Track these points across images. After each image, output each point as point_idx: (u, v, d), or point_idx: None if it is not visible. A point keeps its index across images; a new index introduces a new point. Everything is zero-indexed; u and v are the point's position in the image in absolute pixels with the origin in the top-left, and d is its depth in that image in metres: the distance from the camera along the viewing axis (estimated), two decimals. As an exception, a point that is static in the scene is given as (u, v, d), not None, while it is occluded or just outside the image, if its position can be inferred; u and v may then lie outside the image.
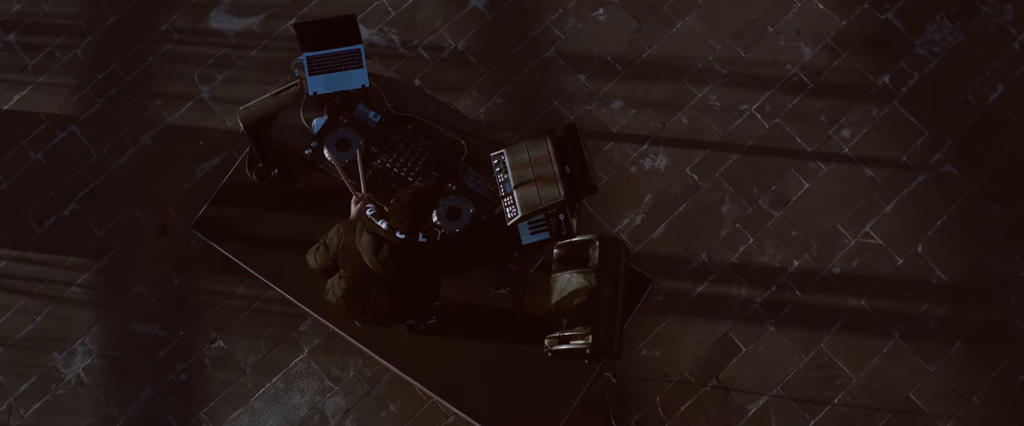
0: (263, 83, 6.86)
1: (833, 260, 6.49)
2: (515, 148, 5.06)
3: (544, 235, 5.21)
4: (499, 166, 5.09)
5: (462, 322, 6.03)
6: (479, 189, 5.33)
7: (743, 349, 6.37)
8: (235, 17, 7.05)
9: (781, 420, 6.25)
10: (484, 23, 6.99)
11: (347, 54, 5.66)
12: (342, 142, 5.44)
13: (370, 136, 5.43)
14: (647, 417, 6.27)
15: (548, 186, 4.92)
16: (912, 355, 6.33)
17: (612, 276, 5.55)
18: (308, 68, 5.65)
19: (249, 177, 6.36)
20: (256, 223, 6.33)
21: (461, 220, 5.26)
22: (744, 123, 6.75)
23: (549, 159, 4.96)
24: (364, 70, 5.65)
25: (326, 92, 5.60)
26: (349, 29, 5.62)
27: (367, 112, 5.51)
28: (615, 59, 6.90)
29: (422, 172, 5.33)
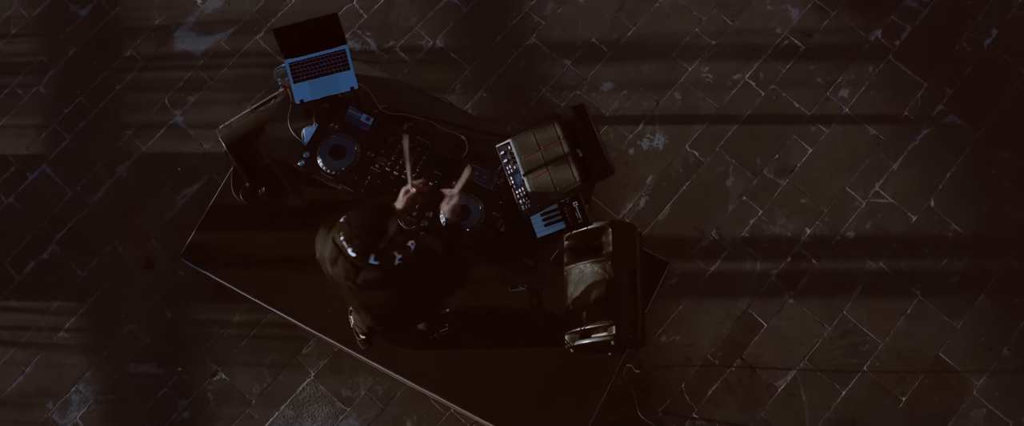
0: (237, 101, 6.60)
1: (846, 224, 6.32)
2: (522, 136, 4.84)
3: (559, 225, 4.99)
4: (506, 157, 4.86)
5: (476, 326, 5.80)
6: (486, 184, 5.09)
7: (764, 325, 6.19)
8: (201, 36, 6.79)
9: (811, 393, 6.07)
10: (461, 16, 6.77)
11: (332, 56, 5.41)
12: (336, 150, 5.19)
13: (364, 140, 5.19)
14: (674, 405, 6.07)
15: (561, 172, 4.70)
16: (937, 312, 6.18)
17: (628, 262, 5.33)
18: (292, 75, 5.39)
19: (236, 198, 6.09)
20: (248, 245, 6.06)
21: (471, 218, 5.03)
22: (739, 93, 6.57)
23: (559, 144, 4.74)
24: (351, 72, 5.40)
25: (313, 99, 5.34)
26: (332, 29, 5.37)
27: (359, 115, 5.26)
28: (600, 41, 6.70)
29: (424, 172, 5.08)
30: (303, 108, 5.38)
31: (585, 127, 4.72)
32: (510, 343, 5.75)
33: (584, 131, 4.73)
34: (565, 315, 5.69)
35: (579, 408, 5.67)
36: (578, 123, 4.75)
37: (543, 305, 5.53)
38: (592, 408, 5.67)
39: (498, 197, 5.05)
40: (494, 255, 4.97)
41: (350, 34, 6.71)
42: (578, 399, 5.70)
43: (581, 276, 5.61)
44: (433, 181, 5.05)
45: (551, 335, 5.71)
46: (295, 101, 5.36)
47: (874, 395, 6.07)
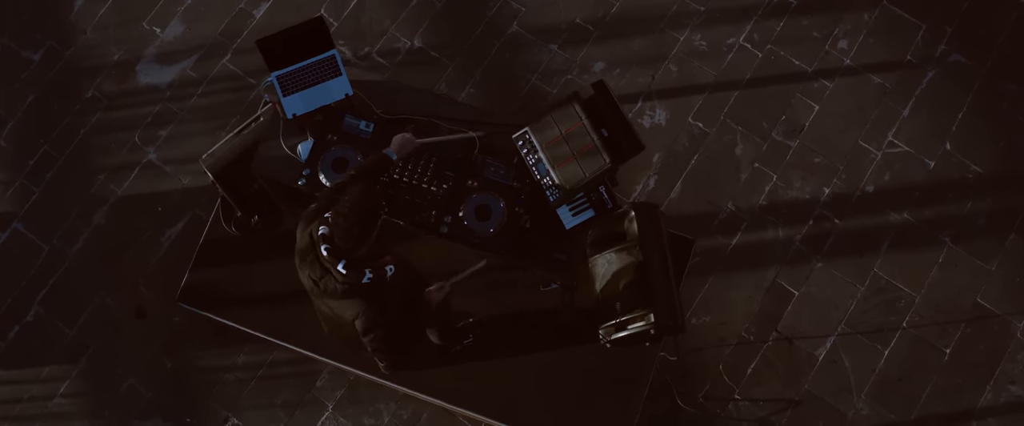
0: (213, 130, 6.26)
1: (864, 178, 6.10)
2: (540, 124, 4.53)
3: (588, 213, 4.69)
4: (525, 147, 4.55)
5: (502, 332, 5.49)
6: (503, 180, 4.79)
7: (796, 293, 5.95)
8: (164, 67, 6.43)
9: (854, 358, 5.84)
10: (435, 13, 6.47)
11: (321, 63, 5.08)
12: (338, 162, 4.86)
13: (367, 149, 4.86)
14: (714, 388, 5.82)
15: (590, 156, 4.41)
16: (969, 258, 5.98)
17: (657, 245, 5.06)
18: (280, 88, 5.06)
19: (228, 231, 5.74)
20: (247, 280, 5.71)
21: (493, 218, 4.73)
22: (736, 58, 6.33)
23: (583, 126, 4.45)
24: (344, 77, 5.07)
25: (306, 111, 5.02)
26: (318, 34, 5.05)
27: (357, 123, 4.94)
28: (585, 20, 6.42)
29: (436, 175, 4.78)
30: (296, 123, 5.05)
31: (608, 104, 4.44)
32: (541, 346, 5.46)
33: (608, 108, 4.44)
34: (596, 309, 5.42)
35: (622, 406, 5.39)
36: (600, 101, 4.46)
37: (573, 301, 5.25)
38: (636, 404, 5.39)
39: (519, 192, 4.75)
40: (523, 254, 4.66)
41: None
42: (620, 396, 5.42)
43: (608, 266, 5.34)
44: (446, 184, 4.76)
45: (583, 332, 5.43)
46: (287, 116, 5.03)
47: (917, 351, 5.86)
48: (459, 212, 4.75)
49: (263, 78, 6.30)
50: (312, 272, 4.24)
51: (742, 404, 5.80)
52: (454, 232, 4.72)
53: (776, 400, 5.82)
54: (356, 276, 4.14)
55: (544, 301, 5.40)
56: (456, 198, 4.77)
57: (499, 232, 4.70)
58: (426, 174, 4.76)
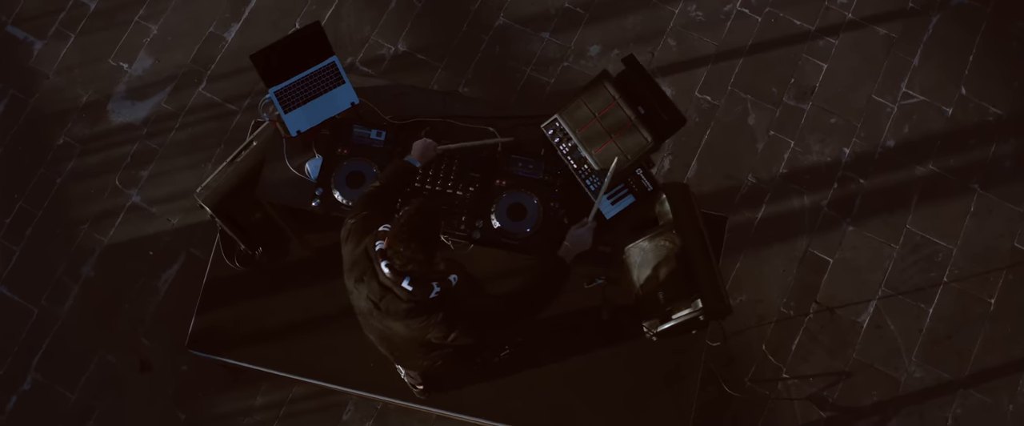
0: (197, 163, 5.93)
1: (883, 133, 5.91)
2: (569, 108, 4.25)
3: (628, 200, 4.42)
4: (557, 135, 4.27)
5: (540, 338, 5.20)
6: (533, 174, 4.51)
7: (830, 261, 5.74)
8: (137, 103, 6.08)
9: (899, 320, 5.64)
10: (416, 14, 6.18)
11: (322, 72, 4.76)
12: (352, 177, 4.55)
13: (381, 159, 4.57)
14: (760, 370, 5.59)
15: (629, 136, 4.14)
16: (1000, 202, 5.80)
17: (693, 226, 4.79)
18: (280, 104, 4.74)
19: (232, 267, 5.41)
20: (259, 316, 5.36)
21: (529, 216, 4.45)
22: (735, 25, 6.11)
23: (617, 105, 4.17)
24: (348, 85, 4.75)
25: (311, 127, 4.71)
26: (316, 41, 4.72)
27: (367, 133, 4.64)
28: (574, 3, 6.16)
29: (461, 177, 4.49)
30: (300, 140, 4.74)
31: (642, 78, 4.17)
32: (583, 348, 5.17)
33: (642, 83, 4.17)
34: (636, 303, 5.17)
35: (676, 401, 5.12)
36: (632, 76, 4.19)
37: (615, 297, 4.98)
38: (690, 398, 5.12)
39: (552, 185, 4.47)
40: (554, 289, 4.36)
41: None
42: (672, 391, 5.15)
43: (643, 256, 5.08)
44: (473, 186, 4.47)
45: (625, 328, 5.18)
46: (290, 134, 4.71)
47: (962, 304, 5.67)
48: (491, 215, 4.47)
49: (243, 103, 6.03)
50: (371, 293, 3.90)
51: (791, 382, 5.58)
52: (488, 237, 4.43)
53: (825, 374, 5.60)
54: (424, 291, 3.80)
55: (581, 301, 5.13)
56: (486, 200, 4.48)
57: (536, 231, 4.41)
58: (450, 178, 4.47)
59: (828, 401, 5.57)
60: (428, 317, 3.84)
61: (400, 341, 4.08)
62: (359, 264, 3.96)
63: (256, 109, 6.00)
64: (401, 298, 3.82)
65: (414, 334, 3.94)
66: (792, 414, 5.56)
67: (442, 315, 3.83)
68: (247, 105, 6.04)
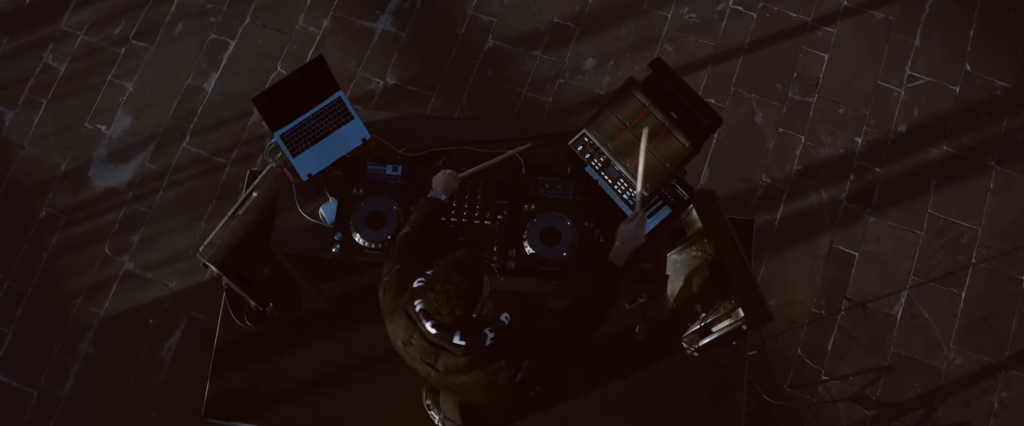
0: (190, 222, 5.72)
1: (893, 119, 5.83)
2: (598, 121, 4.09)
3: (665, 212, 4.27)
4: (587, 151, 4.10)
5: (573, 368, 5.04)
6: (562, 195, 4.35)
7: (856, 255, 5.64)
8: (120, 165, 5.86)
9: (932, 307, 5.54)
10: (402, 44, 6.03)
11: (329, 109, 4.57)
12: (372, 217, 4.37)
13: (400, 195, 4.41)
14: (798, 375, 5.46)
15: (665, 143, 3.98)
16: (1019, 177, 5.73)
17: (724, 233, 4.66)
18: (287, 148, 4.53)
19: (243, 326, 5.20)
20: (276, 375, 5.15)
21: (563, 240, 4.29)
22: (730, 23, 6.01)
23: (649, 112, 4.02)
24: (358, 120, 4.57)
25: (322, 168, 4.51)
26: (320, 76, 4.53)
27: (382, 169, 4.46)
28: (563, 18, 6.04)
29: (487, 206, 4.32)
30: (311, 184, 4.54)
31: (671, 81, 4.02)
32: (621, 372, 5.02)
33: (672, 86, 4.02)
34: (672, 318, 5.04)
35: (725, 416, 4.98)
36: (660, 80, 4.04)
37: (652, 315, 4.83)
38: (738, 411, 4.99)
39: (583, 205, 4.32)
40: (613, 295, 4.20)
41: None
42: (719, 407, 5.01)
43: (674, 268, 4.96)
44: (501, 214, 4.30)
45: (663, 347, 5.04)
46: (301, 178, 4.51)
47: (994, 284, 5.59)
48: (523, 242, 4.30)
49: (230, 155, 5.83)
50: (424, 355, 3.68)
51: (831, 384, 5.45)
52: (523, 266, 4.25)
53: (865, 371, 5.48)
54: (478, 341, 3.60)
55: (613, 321, 4.99)
56: (516, 227, 4.32)
57: (573, 254, 4.24)
58: (475, 208, 4.30)
59: (871, 399, 5.45)
60: (489, 365, 3.65)
61: (468, 390, 3.87)
62: (402, 325, 3.75)
63: (247, 159, 5.82)
64: (456, 353, 3.62)
65: (480, 383, 3.74)
66: (836, 416, 5.43)
67: (504, 360, 3.64)
68: (235, 156, 5.85)
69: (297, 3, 6.10)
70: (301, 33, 6.05)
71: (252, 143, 5.85)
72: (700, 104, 3.99)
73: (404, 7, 6.08)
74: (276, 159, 4.52)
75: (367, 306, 5.13)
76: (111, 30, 6.10)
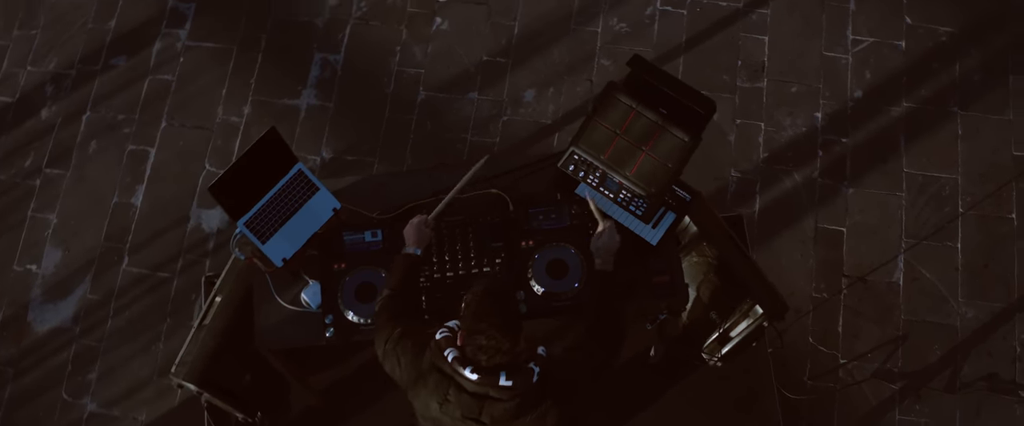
0: (146, 345, 5.41)
1: (847, 87, 5.79)
2: (585, 135, 3.90)
3: (669, 218, 4.11)
4: (581, 168, 3.91)
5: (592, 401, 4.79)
6: (559, 223, 4.19)
7: (843, 230, 5.56)
8: (59, 302, 5.53)
9: (931, 266, 5.48)
10: (331, 115, 5.83)
11: (292, 185, 4.33)
12: (361, 291, 4.14)
13: (386, 260, 4.17)
14: (816, 365, 5.34)
15: (662, 141, 3.83)
16: (984, 117, 5.74)
17: (722, 233, 4.54)
18: (254, 237, 4.28)
19: (233, 443, 4.92)
20: (280, 486, 4.90)
21: (571, 270, 4.10)
22: (662, 25, 5.94)
23: (639, 113, 3.86)
24: (324, 190, 4.35)
25: (296, 250, 4.27)
26: (276, 150, 4.29)
27: (360, 237, 4.23)
28: (491, 54, 5.92)
29: (481, 251, 4.12)
30: (287, 270, 4.30)
31: (654, 75, 3.88)
32: (645, 400, 4.84)
33: (656, 80, 3.87)
34: (687, 334, 4.88)
35: (761, 421, 4.82)
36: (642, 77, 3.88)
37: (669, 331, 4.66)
38: (773, 413, 4.83)
39: (582, 229, 4.14)
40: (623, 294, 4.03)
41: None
42: (752, 414, 4.85)
43: (680, 279, 4.82)
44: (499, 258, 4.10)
45: (681, 363, 4.88)
46: (275, 265, 4.27)
47: (987, 229, 5.56)
48: (530, 282, 4.11)
49: (175, 265, 5.56)
50: (467, 412, 3.42)
51: (851, 366, 5.34)
52: (536, 306, 4.06)
53: (881, 345, 5.39)
54: (524, 379, 3.37)
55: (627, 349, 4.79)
56: (518, 268, 4.13)
57: (585, 282, 4.07)
58: (470, 257, 4.10)
59: (894, 372, 5.35)
60: (539, 406, 3.42)
61: None
62: (433, 386, 3.47)
63: (194, 267, 5.54)
64: (503, 398, 3.37)
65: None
66: (864, 397, 5.32)
67: (551, 400, 3.43)
68: (181, 267, 5.57)
69: (212, 95, 5.88)
70: (223, 125, 5.82)
71: (195, 249, 5.58)
72: (690, 93, 3.87)
73: (325, 77, 5.89)
74: (244, 251, 4.27)
75: (360, 394, 4.94)
76: (21, 163, 5.80)
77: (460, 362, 3.38)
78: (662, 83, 3.85)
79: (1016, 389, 5.35)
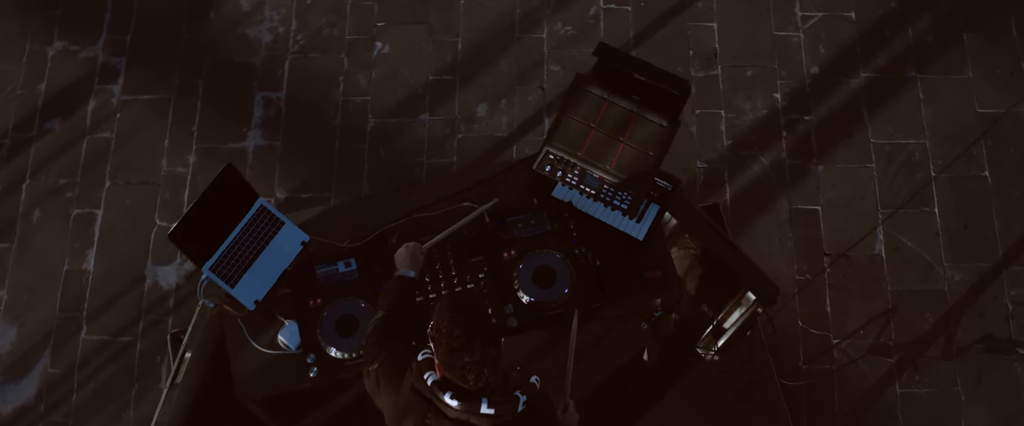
0: (117, 414, 5.21)
1: (803, 64, 5.76)
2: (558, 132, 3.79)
3: (653, 210, 4.00)
4: (559, 168, 3.78)
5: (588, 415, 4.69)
6: (539, 229, 4.05)
7: (818, 208, 5.51)
8: (20, 380, 5.25)
9: (911, 233, 5.45)
10: (280, 154, 5.68)
11: (255, 222, 4.17)
12: (343, 324, 3.99)
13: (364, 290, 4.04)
14: (809, 348, 5.26)
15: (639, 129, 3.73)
16: (943, 77, 5.75)
17: (702, 222, 4.46)
18: (222, 281, 4.10)
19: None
20: None
21: (559, 277, 3.97)
22: (608, 24, 5.88)
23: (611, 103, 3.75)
24: (290, 224, 4.20)
25: (269, 289, 4.11)
26: (235, 188, 4.13)
27: (333, 268, 4.08)
28: (438, 73, 5.81)
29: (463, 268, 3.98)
30: (260, 313, 4.12)
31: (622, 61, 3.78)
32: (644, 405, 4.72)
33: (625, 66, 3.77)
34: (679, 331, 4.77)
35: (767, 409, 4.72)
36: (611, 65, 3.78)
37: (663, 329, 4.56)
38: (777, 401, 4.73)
39: (565, 232, 4.03)
40: (615, 297, 3.92)
41: (168, 253, 5.51)
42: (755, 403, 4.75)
43: (665, 275, 4.71)
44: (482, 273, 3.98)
45: (679, 361, 4.77)
46: (249, 307, 4.10)
47: (961, 189, 5.55)
48: (517, 293, 3.99)
49: (136, 328, 5.37)
50: None
51: (845, 345, 5.28)
52: (526, 319, 3.93)
53: (872, 320, 5.33)
54: (505, 410, 3.18)
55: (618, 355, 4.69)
56: (503, 281, 4.01)
57: (574, 287, 3.96)
58: (451, 276, 3.97)
59: (889, 345, 5.30)
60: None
61: None
62: (412, 410, 3.29)
63: (156, 327, 5.35)
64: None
65: None
66: (861, 374, 5.25)
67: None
68: (143, 329, 5.38)
69: (154, 148, 5.71)
70: (169, 177, 5.65)
71: (156, 308, 5.39)
72: (662, 75, 3.78)
73: (269, 116, 5.75)
74: (213, 298, 4.10)
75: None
76: (-38, 241, 5.60)
77: (442, 386, 3.19)
78: (632, 69, 3.76)
79: (1014, 347, 5.32)
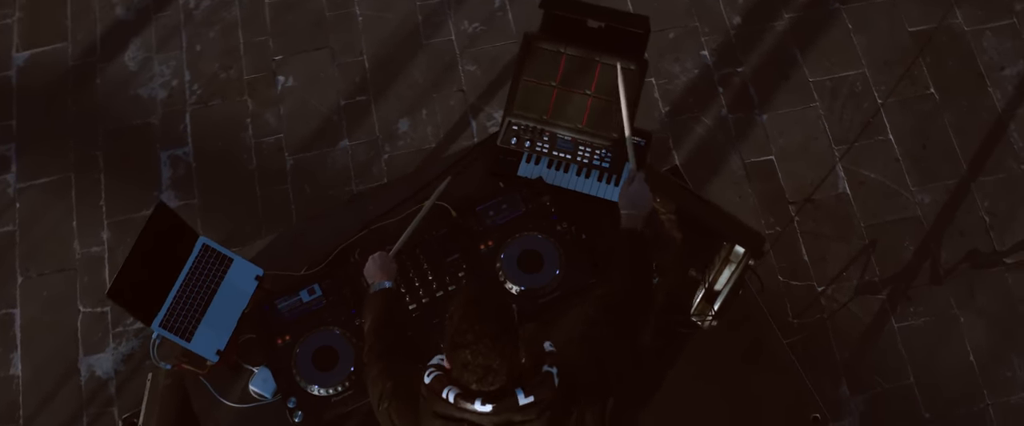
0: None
1: (723, 16, 5.64)
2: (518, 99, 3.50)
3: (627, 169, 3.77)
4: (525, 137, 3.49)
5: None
6: (514, 212, 3.79)
7: (772, 158, 5.37)
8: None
9: (870, 163, 5.35)
10: (199, 210, 5.35)
11: (201, 264, 3.85)
12: (319, 357, 3.66)
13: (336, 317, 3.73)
14: (795, 301, 5.11)
15: (605, 77, 3.47)
16: (867, 3, 5.70)
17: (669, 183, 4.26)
18: (176, 336, 3.75)
19: None
20: None
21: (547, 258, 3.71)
22: (515, 11, 5.69)
23: (569, 56, 3.49)
24: (240, 259, 3.89)
25: (230, 336, 3.78)
26: (170, 229, 3.80)
27: (296, 299, 3.76)
28: (348, 95, 5.55)
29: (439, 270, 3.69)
30: (223, 364, 3.78)
31: (573, 8, 3.51)
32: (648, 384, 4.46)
33: (577, 13, 3.51)
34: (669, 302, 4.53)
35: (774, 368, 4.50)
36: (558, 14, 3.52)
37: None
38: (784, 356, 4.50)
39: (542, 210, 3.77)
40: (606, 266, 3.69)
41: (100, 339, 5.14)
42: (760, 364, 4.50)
43: (642, 245, 4.49)
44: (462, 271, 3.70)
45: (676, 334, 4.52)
46: (211, 359, 3.76)
47: (910, 111, 5.48)
48: (504, 284, 3.71)
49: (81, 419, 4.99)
50: None
51: (830, 291, 5.13)
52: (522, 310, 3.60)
53: (852, 261, 5.20)
54: (544, 390, 2.88)
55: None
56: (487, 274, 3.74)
57: (565, 266, 3.70)
58: (429, 281, 3.69)
59: (875, 282, 5.16)
60: (571, 414, 2.95)
61: None
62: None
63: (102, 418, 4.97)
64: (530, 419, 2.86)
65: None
66: (853, 317, 5.11)
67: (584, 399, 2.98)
68: (87, 423, 5.00)
69: (63, 232, 5.33)
70: (85, 259, 5.27)
71: (96, 399, 5.01)
72: (617, 15, 3.57)
73: (179, 174, 5.42)
74: (169, 359, 3.75)
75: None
76: None
77: (466, 397, 2.86)
78: (584, 14, 3.54)
79: (999, 258, 5.23)
